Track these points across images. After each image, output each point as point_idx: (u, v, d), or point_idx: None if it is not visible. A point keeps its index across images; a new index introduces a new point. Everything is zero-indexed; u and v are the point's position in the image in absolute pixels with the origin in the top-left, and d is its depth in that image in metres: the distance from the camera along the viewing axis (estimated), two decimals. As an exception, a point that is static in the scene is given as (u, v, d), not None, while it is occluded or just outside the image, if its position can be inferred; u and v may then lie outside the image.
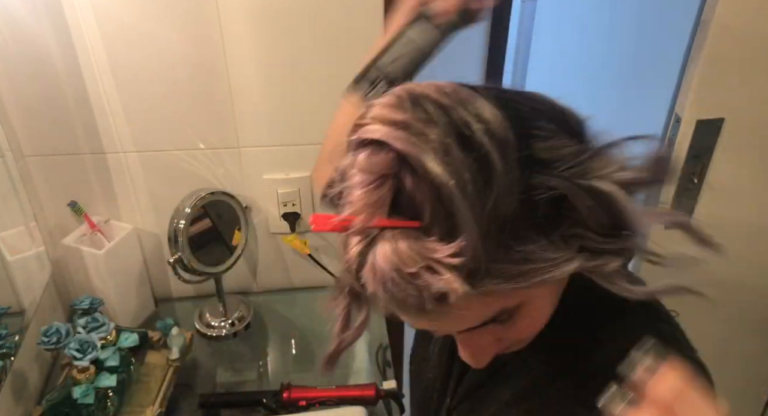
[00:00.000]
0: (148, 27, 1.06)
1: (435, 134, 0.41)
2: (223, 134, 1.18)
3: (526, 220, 0.43)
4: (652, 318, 0.57)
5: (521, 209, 0.42)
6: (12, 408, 1.01)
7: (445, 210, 0.40)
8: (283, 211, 1.27)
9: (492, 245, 0.41)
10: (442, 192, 0.40)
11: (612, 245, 0.45)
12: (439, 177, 0.40)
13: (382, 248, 0.41)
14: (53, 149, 1.15)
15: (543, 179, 0.43)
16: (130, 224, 1.25)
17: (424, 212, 0.41)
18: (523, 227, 0.43)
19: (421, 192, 0.41)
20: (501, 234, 0.41)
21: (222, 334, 1.27)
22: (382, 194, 0.41)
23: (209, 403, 1.09)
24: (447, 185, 0.40)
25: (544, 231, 0.43)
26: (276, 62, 1.12)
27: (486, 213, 0.41)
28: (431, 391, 0.74)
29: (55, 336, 1.01)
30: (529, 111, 0.47)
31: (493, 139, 0.42)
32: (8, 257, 1.05)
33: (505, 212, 0.41)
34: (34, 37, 1.04)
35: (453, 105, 0.43)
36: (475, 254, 0.40)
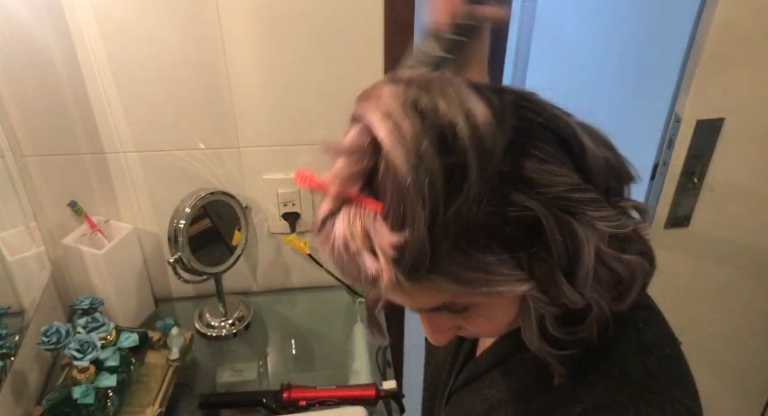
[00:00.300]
0: (148, 27, 1.06)
1: (415, 131, 0.42)
2: (223, 134, 1.18)
3: (493, 232, 0.43)
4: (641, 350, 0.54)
5: (490, 220, 0.42)
6: (12, 408, 1.01)
7: (402, 203, 0.41)
8: (283, 211, 1.27)
9: (446, 246, 0.42)
10: (401, 186, 0.41)
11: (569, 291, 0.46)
12: (401, 173, 0.41)
13: (342, 219, 0.44)
14: (53, 149, 1.15)
15: (522, 198, 0.43)
16: (130, 224, 1.25)
17: (386, 199, 0.42)
18: (487, 238, 0.43)
19: (388, 180, 0.42)
20: (460, 238, 0.42)
21: (222, 334, 1.27)
22: (359, 169, 0.43)
23: (209, 403, 1.09)
24: (404, 182, 0.41)
25: (509, 247, 0.44)
26: (276, 62, 1.12)
27: (446, 217, 0.41)
28: (440, 370, 0.75)
29: (55, 336, 1.01)
30: (539, 129, 0.46)
31: (476, 147, 0.42)
32: (8, 257, 1.05)
33: (470, 219, 0.42)
34: (34, 37, 1.04)
35: (447, 104, 0.43)
36: (417, 252, 0.41)
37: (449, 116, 0.43)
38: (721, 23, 1.15)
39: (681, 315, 1.57)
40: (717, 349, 1.61)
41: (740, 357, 1.64)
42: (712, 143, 1.29)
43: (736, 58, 1.19)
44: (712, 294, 1.52)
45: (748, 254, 1.47)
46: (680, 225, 1.40)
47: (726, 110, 1.26)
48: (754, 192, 1.37)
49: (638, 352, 0.53)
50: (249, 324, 1.30)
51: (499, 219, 0.43)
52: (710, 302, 1.53)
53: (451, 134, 0.42)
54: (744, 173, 1.34)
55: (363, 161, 0.43)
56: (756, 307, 1.55)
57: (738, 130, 1.28)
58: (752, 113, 1.26)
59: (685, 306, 1.53)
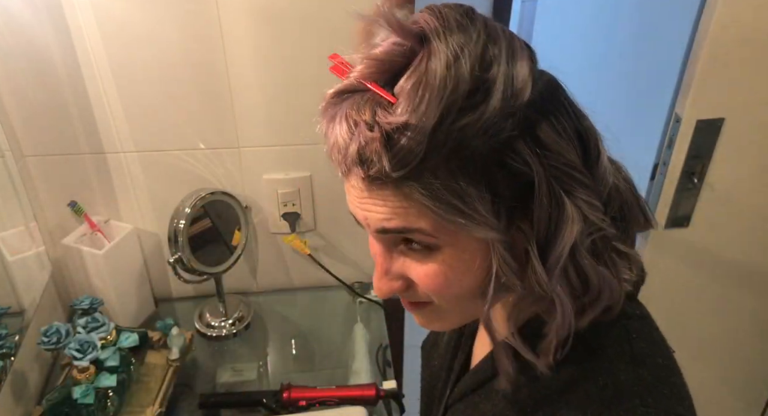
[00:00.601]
0: (148, 27, 1.06)
1: (464, 36, 0.43)
2: (223, 134, 1.18)
3: (486, 168, 0.43)
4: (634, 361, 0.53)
5: (489, 154, 0.43)
6: (12, 408, 1.01)
7: (421, 92, 0.42)
8: (283, 211, 1.27)
9: (439, 156, 0.42)
10: (430, 76, 0.42)
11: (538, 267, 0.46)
12: (436, 64, 0.42)
13: (356, 97, 0.45)
14: (53, 149, 1.15)
15: (526, 150, 0.43)
16: (130, 224, 1.25)
17: (403, 96, 0.43)
18: (478, 170, 0.43)
19: (416, 77, 0.42)
20: (454, 156, 0.42)
21: (222, 334, 1.27)
22: (394, 60, 0.44)
23: (209, 403, 1.09)
24: (435, 73, 0.42)
25: (495, 191, 0.44)
26: (276, 62, 1.12)
27: (453, 126, 0.41)
28: (436, 379, 0.75)
29: (55, 336, 1.01)
30: (564, 107, 0.46)
31: (506, 81, 0.43)
32: (8, 257, 1.05)
33: (471, 141, 0.42)
34: (34, 38, 1.04)
35: (500, 34, 0.45)
36: (412, 143, 0.42)
37: (497, 41, 0.44)
38: (721, 23, 1.15)
39: (681, 315, 1.58)
40: (716, 349, 1.61)
41: (740, 356, 1.64)
42: (712, 143, 1.29)
43: (736, 58, 1.19)
44: (711, 294, 1.52)
45: (748, 254, 1.47)
46: (680, 225, 1.40)
47: (726, 110, 1.26)
48: (754, 192, 1.37)
49: (632, 364, 0.52)
50: (249, 324, 1.30)
51: (497, 158, 0.43)
52: (710, 302, 1.53)
53: (492, 57, 0.43)
54: (744, 173, 1.34)
55: (402, 54, 0.44)
56: (756, 307, 1.55)
57: (738, 130, 1.28)
58: (752, 113, 1.26)
59: (685, 306, 1.53)
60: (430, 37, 0.43)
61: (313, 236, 1.33)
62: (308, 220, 1.30)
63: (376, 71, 0.45)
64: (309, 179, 1.25)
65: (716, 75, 1.21)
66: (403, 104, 0.42)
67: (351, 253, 1.37)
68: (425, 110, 0.41)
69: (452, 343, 0.73)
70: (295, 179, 1.24)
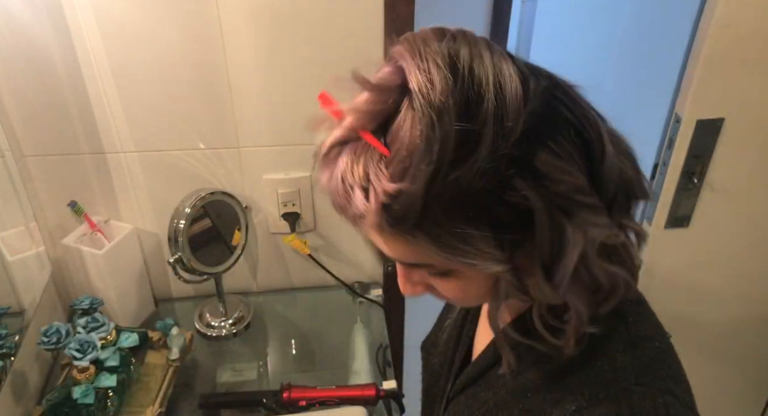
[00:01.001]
0: (149, 27, 1.06)
1: (445, 87, 0.42)
2: (223, 134, 1.18)
3: (485, 209, 0.44)
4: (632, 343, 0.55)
5: (486, 196, 0.43)
6: (12, 407, 1.01)
7: (409, 156, 0.42)
8: (283, 211, 1.27)
9: (437, 208, 0.43)
10: (413, 139, 0.42)
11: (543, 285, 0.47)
12: (418, 126, 0.42)
13: (348, 151, 0.45)
14: (53, 149, 1.15)
15: (523, 185, 0.43)
16: (130, 224, 1.25)
17: (395, 147, 0.43)
18: (477, 211, 0.44)
19: (403, 129, 0.43)
20: (452, 205, 0.43)
21: (222, 334, 1.27)
22: (380, 109, 0.44)
23: (209, 403, 1.09)
24: (417, 136, 0.42)
25: (496, 227, 0.44)
26: (276, 62, 1.12)
27: (446, 181, 0.42)
28: (437, 377, 0.76)
29: (55, 336, 1.01)
30: (564, 124, 0.46)
31: (495, 123, 0.42)
32: (8, 257, 1.05)
33: (467, 190, 0.42)
34: (34, 38, 1.04)
35: (483, 69, 0.43)
36: (408, 206, 0.43)
37: (482, 81, 0.43)
38: (721, 23, 1.15)
39: (680, 315, 1.58)
40: (716, 348, 1.61)
41: (740, 356, 1.64)
42: (712, 143, 1.29)
43: (736, 58, 1.19)
44: (711, 294, 1.52)
45: (748, 254, 1.46)
46: (680, 225, 1.40)
47: (726, 110, 1.26)
48: (754, 192, 1.37)
49: (629, 346, 0.54)
50: (249, 324, 1.30)
51: (494, 198, 0.43)
52: (710, 302, 1.53)
53: (476, 102, 0.42)
54: (744, 173, 1.34)
55: (387, 102, 0.44)
56: (755, 307, 1.55)
57: (738, 130, 1.28)
58: (752, 113, 1.26)
59: (685, 306, 1.53)
60: (411, 91, 0.43)
61: (313, 236, 1.33)
62: (308, 220, 1.30)
63: (367, 121, 0.45)
64: (309, 179, 1.25)
65: (716, 75, 1.21)
66: (394, 166, 0.43)
67: (351, 253, 1.37)
68: (414, 174, 0.42)
69: (453, 339, 0.73)
70: (295, 179, 1.24)
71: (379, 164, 0.43)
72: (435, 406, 0.76)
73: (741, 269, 1.48)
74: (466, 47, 0.44)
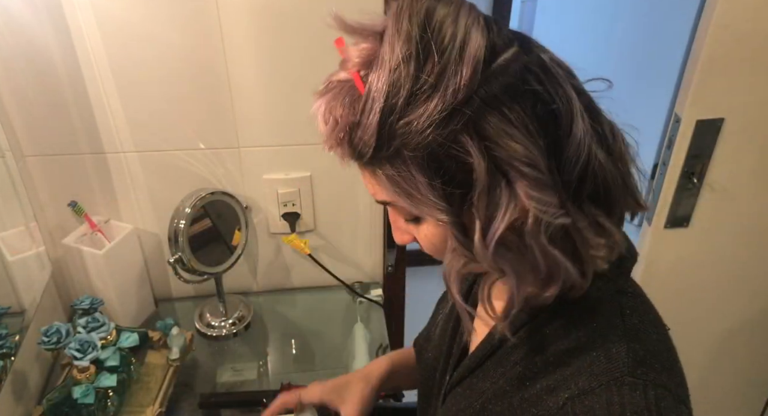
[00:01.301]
0: (149, 27, 1.06)
1: (411, 36, 0.46)
2: (223, 134, 1.18)
3: (433, 158, 0.47)
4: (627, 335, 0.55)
5: (434, 146, 0.46)
6: (12, 407, 1.01)
7: (370, 96, 0.47)
8: (283, 211, 1.27)
9: (390, 149, 0.47)
10: (377, 82, 0.47)
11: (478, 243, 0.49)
12: (382, 74, 0.47)
13: (336, 88, 0.51)
14: (53, 149, 1.15)
15: (469, 143, 0.46)
16: (130, 224, 1.25)
17: (366, 87, 0.48)
18: (426, 160, 0.47)
19: (372, 73, 0.48)
20: (403, 148, 0.47)
21: (222, 334, 1.27)
22: (363, 52, 0.49)
23: (209, 403, 1.09)
24: (380, 77, 0.47)
25: (445, 179, 0.48)
26: (276, 62, 1.12)
27: (398, 124, 0.46)
28: (433, 370, 0.76)
29: (55, 335, 1.01)
30: (530, 96, 0.47)
31: (448, 80, 0.45)
32: (8, 257, 1.05)
33: (417, 136, 0.46)
34: (34, 38, 1.04)
35: (454, 26, 0.46)
36: (363, 140, 0.48)
37: (445, 39, 0.46)
38: (721, 23, 1.15)
39: (681, 314, 1.58)
40: (717, 348, 1.61)
41: (740, 355, 1.64)
42: (712, 143, 1.29)
43: (736, 58, 1.19)
44: (711, 294, 1.52)
45: (748, 254, 1.47)
46: (680, 225, 1.40)
47: (726, 110, 1.26)
48: (754, 192, 1.37)
49: (624, 338, 0.54)
50: (249, 324, 1.30)
51: (442, 150, 0.46)
52: (710, 301, 1.53)
53: (439, 54, 0.46)
54: (744, 173, 1.34)
55: (366, 42, 0.49)
56: (755, 307, 1.55)
57: (738, 130, 1.28)
58: (752, 113, 1.26)
59: (685, 306, 1.53)
60: (384, 41, 0.47)
61: (313, 236, 1.33)
62: (308, 220, 1.30)
63: (353, 62, 0.50)
64: (309, 179, 1.25)
65: (716, 75, 1.21)
66: (361, 102, 0.48)
67: (351, 253, 1.37)
68: (371, 109, 0.47)
69: (448, 332, 0.74)
70: (295, 179, 1.24)
71: (353, 100, 0.48)
72: (432, 400, 0.76)
73: (741, 269, 1.48)
74: (446, 7, 0.48)
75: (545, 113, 0.47)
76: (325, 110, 0.51)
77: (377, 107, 0.47)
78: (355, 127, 0.48)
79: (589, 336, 0.55)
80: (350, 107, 0.49)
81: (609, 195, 0.52)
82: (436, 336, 0.78)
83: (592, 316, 0.56)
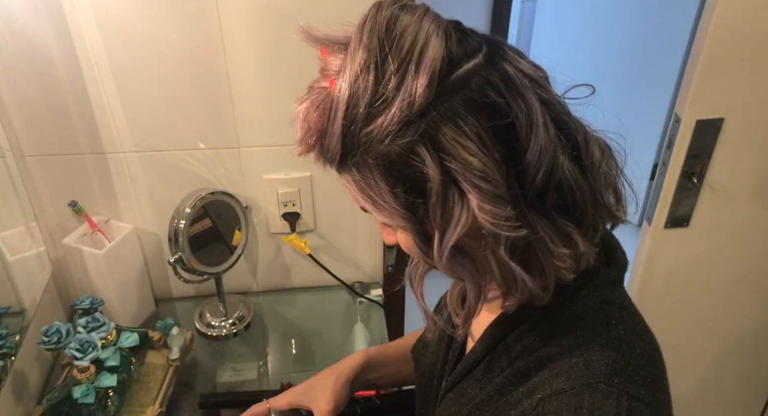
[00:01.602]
0: (149, 27, 1.06)
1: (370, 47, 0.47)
2: (223, 134, 1.18)
3: (393, 166, 0.48)
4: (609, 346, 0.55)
5: (394, 156, 0.48)
6: (12, 407, 1.01)
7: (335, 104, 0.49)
8: (283, 211, 1.27)
9: (353, 157, 0.49)
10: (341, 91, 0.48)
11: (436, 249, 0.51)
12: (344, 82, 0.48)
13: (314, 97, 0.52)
14: (53, 149, 1.15)
15: (424, 154, 0.47)
16: (130, 224, 1.25)
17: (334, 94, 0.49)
18: (388, 170, 0.48)
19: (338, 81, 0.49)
20: (365, 156, 0.48)
21: (222, 334, 1.27)
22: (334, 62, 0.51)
23: (209, 403, 1.09)
24: (340, 88, 0.48)
25: (406, 187, 0.49)
26: (276, 62, 1.12)
27: (359, 134, 0.48)
28: (430, 376, 0.76)
29: (55, 335, 1.01)
30: (489, 108, 0.47)
31: (404, 93, 0.46)
32: (8, 257, 1.05)
33: (377, 146, 0.48)
34: (34, 38, 1.04)
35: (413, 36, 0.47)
36: (329, 147, 0.50)
37: (406, 47, 0.47)
38: (721, 23, 1.15)
39: (681, 315, 1.58)
40: (716, 348, 1.62)
41: (740, 355, 1.64)
42: (711, 143, 1.29)
43: (736, 58, 1.19)
44: (711, 294, 1.52)
45: (748, 254, 1.47)
46: (680, 225, 1.40)
47: (726, 110, 1.26)
48: (754, 192, 1.37)
49: (606, 347, 0.54)
50: (249, 324, 1.30)
51: (401, 159, 0.48)
52: (710, 301, 1.53)
53: (396, 65, 0.46)
54: (744, 173, 1.34)
55: (338, 55, 0.51)
56: (756, 307, 1.55)
57: (738, 130, 1.28)
58: (752, 113, 1.27)
59: (686, 306, 1.53)
60: (347, 52, 0.49)
61: (313, 236, 1.33)
62: (308, 220, 1.30)
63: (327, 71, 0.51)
64: (309, 179, 1.25)
65: (716, 75, 1.21)
66: (329, 109, 0.49)
67: (351, 253, 1.37)
68: (334, 118, 0.49)
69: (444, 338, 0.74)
70: (295, 179, 1.24)
71: (325, 107, 0.50)
72: (429, 406, 0.76)
73: (741, 269, 1.48)
74: (410, 16, 0.48)
75: (502, 124, 0.47)
76: (302, 116, 0.53)
77: (340, 116, 0.48)
78: (323, 133, 0.50)
79: (572, 343, 0.55)
80: (321, 114, 0.50)
81: (576, 206, 0.52)
82: (433, 342, 0.78)
83: (578, 324, 0.56)
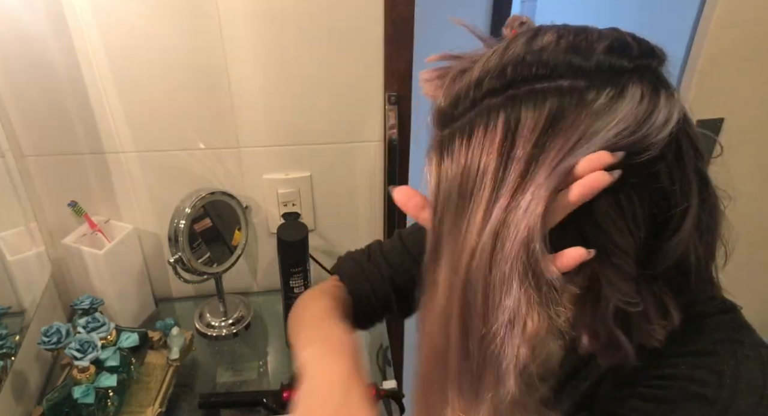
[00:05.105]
0: (149, 28, 1.06)
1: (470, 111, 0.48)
2: (223, 134, 1.18)
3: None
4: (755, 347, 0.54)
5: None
6: (12, 407, 1.01)
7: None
8: (283, 211, 1.27)
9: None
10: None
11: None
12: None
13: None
14: (53, 149, 1.15)
15: (577, 226, 0.45)
16: (130, 224, 1.25)
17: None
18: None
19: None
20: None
21: (222, 334, 1.27)
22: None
23: (209, 403, 1.09)
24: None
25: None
26: (276, 62, 1.12)
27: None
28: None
29: (55, 335, 1.01)
30: (652, 190, 0.46)
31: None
32: (8, 257, 1.05)
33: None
34: (34, 38, 1.04)
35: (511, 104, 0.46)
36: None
37: (554, 74, 0.47)
38: (721, 23, 1.15)
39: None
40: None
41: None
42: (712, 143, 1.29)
43: (736, 58, 1.20)
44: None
45: (748, 254, 1.47)
46: (680, 225, 1.40)
47: (726, 110, 1.26)
48: (754, 192, 1.37)
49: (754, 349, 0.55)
50: (249, 324, 1.30)
51: (557, 226, 0.44)
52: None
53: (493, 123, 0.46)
54: (744, 173, 1.34)
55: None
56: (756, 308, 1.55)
57: (738, 130, 1.28)
58: (752, 113, 1.27)
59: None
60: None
61: (313, 236, 1.33)
62: (308, 220, 1.30)
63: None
64: (309, 179, 1.25)
65: (716, 75, 1.21)
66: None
67: (351, 253, 1.37)
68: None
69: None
70: (295, 179, 1.24)
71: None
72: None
73: (741, 269, 1.48)
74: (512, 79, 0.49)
75: (661, 210, 0.47)
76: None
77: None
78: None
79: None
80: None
81: (688, 281, 0.51)
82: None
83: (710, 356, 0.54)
